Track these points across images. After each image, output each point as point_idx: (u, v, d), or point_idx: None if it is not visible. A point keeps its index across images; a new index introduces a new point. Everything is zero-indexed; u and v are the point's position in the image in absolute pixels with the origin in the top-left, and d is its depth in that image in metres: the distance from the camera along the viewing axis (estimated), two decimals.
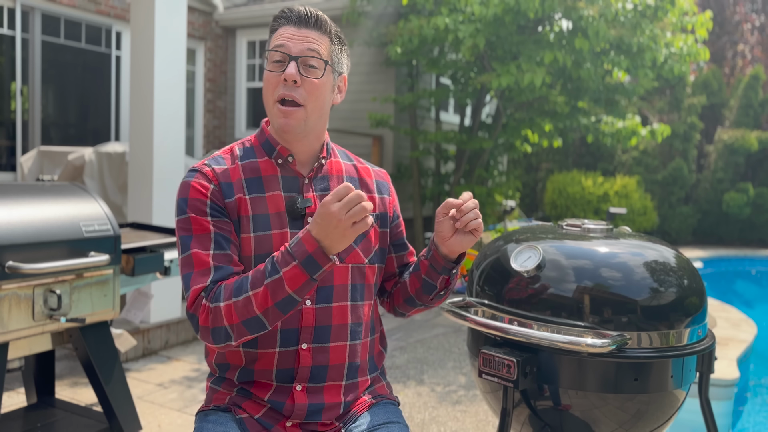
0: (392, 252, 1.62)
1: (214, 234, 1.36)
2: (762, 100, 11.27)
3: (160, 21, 4.27)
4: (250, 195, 1.41)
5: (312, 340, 1.42)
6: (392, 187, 1.64)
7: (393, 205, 1.61)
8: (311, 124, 1.42)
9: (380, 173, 1.63)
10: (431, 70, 6.79)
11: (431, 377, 4.03)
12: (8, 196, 2.20)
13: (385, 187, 1.61)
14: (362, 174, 1.58)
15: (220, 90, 9.08)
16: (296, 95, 1.38)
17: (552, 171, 11.68)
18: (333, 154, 1.55)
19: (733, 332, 4.38)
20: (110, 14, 7.40)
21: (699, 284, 1.68)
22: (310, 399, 1.43)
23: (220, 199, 1.39)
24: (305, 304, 1.42)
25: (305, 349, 1.42)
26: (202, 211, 1.37)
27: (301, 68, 1.38)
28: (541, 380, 1.60)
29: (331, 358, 1.44)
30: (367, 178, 1.58)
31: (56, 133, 7.18)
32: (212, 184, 1.39)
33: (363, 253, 1.49)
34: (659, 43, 5.95)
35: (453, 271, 1.51)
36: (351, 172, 1.56)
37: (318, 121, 1.44)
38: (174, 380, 3.79)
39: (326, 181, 1.50)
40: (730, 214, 10.48)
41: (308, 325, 1.42)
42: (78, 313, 2.30)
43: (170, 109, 4.38)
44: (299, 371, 1.42)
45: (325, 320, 1.43)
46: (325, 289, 1.43)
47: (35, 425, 2.45)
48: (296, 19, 1.40)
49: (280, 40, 1.39)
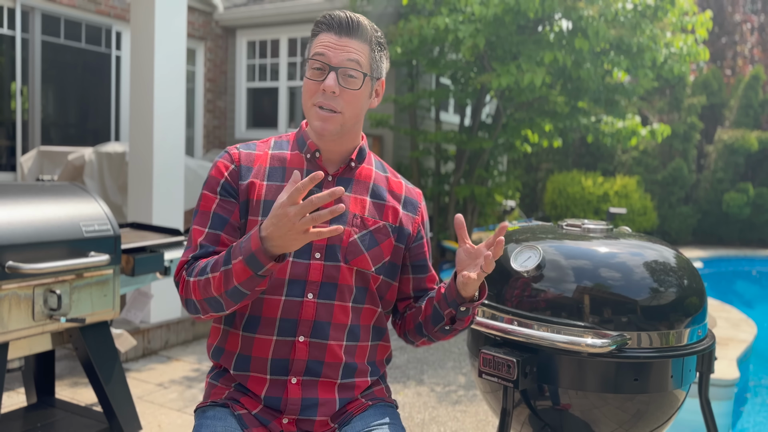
0: (410, 273, 1.59)
1: (213, 213, 1.45)
2: (762, 100, 11.26)
3: (160, 21, 4.27)
4: (269, 182, 1.46)
5: (310, 333, 1.43)
6: (424, 208, 1.62)
7: (418, 224, 1.58)
8: (347, 128, 1.46)
9: (413, 191, 1.61)
10: (431, 70, 6.78)
11: (431, 377, 4.03)
12: (8, 196, 2.20)
13: (414, 205, 1.59)
14: (392, 187, 1.56)
15: (220, 90, 9.08)
16: (334, 104, 1.40)
17: (552, 171, 11.68)
18: (367, 161, 1.56)
19: (733, 332, 4.38)
20: (110, 14, 7.40)
21: (699, 284, 1.68)
22: (304, 393, 1.44)
23: (234, 180, 1.46)
24: (307, 297, 1.43)
25: (302, 342, 1.43)
26: (213, 189, 1.46)
27: (341, 78, 1.40)
28: (541, 380, 1.60)
29: (327, 355, 1.45)
30: (397, 192, 1.56)
31: (56, 133, 7.18)
32: (233, 165, 1.47)
33: (372, 260, 1.48)
34: (659, 43, 5.95)
35: (461, 308, 1.41)
36: (381, 182, 1.55)
37: (353, 125, 1.47)
38: (174, 380, 3.79)
39: (351, 183, 1.50)
40: (730, 214, 10.47)
41: (308, 318, 1.43)
42: (78, 313, 2.30)
43: (170, 109, 4.38)
44: (294, 363, 1.43)
45: (325, 316, 1.44)
46: (329, 286, 1.44)
47: (35, 425, 2.45)
48: (337, 26, 1.41)
49: (321, 48, 1.40)
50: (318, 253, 1.43)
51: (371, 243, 1.48)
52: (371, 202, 1.51)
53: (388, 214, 1.52)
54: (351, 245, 1.45)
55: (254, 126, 9.10)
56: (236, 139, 9.03)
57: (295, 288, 1.43)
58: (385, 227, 1.51)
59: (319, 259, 1.44)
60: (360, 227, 1.47)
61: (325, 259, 1.44)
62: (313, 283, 1.43)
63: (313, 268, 1.43)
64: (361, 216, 1.48)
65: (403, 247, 1.55)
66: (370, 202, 1.51)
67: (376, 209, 1.51)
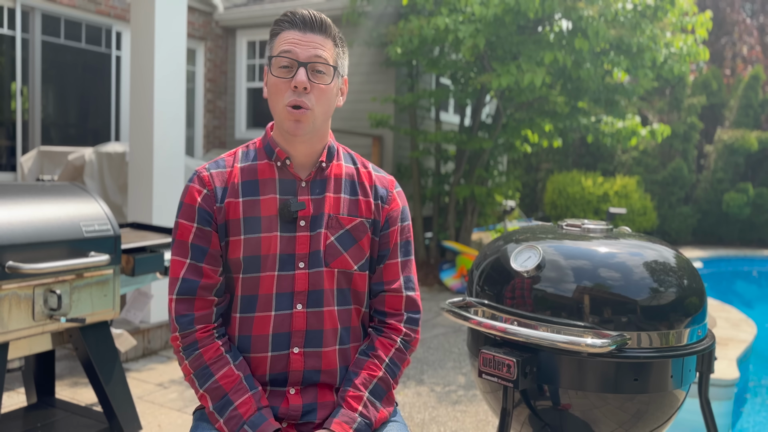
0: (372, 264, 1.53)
1: (191, 244, 1.42)
2: (762, 100, 11.26)
3: (160, 21, 4.27)
4: (244, 198, 1.43)
5: (303, 344, 1.43)
6: (396, 195, 1.55)
7: (387, 212, 1.52)
8: (318, 127, 1.43)
9: (384, 180, 1.56)
10: (431, 70, 6.79)
11: (431, 377, 4.03)
12: (8, 196, 2.20)
13: (384, 193, 1.53)
14: (362, 178, 1.53)
15: (220, 90, 9.08)
16: (306, 101, 1.38)
17: (552, 171, 11.68)
18: (337, 156, 1.53)
19: (733, 332, 4.38)
20: (110, 14, 7.40)
21: (699, 284, 1.68)
22: (304, 400, 1.44)
23: (210, 205, 1.43)
24: (296, 308, 1.43)
25: (297, 353, 1.43)
26: (189, 217, 1.43)
27: (310, 74, 1.38)
28: (541, 380, 1.60)
29: (323, 363, 1.45)
30: (367, 183, 1.53)
31: (56, 133, 7.18)
32: (206, 189, 1.43)
33: (352, 259, 1.47)
34: (659, 43, 5.95)
35: None
36: (351, 175, 1.52)
37: (323, 123, 1.46)
38: (174, 380, 3.79)
39: (324, 184, 1.48)
40: (730, 214, 10.47)
41: (299, 329, 1.43)
42: (78, 313, 2.31)
43: (170, 109, 4.38)
44: (291, 375, 1.43)
45: (316, 324, 1.44)
46: (316, 293, 1.43)
47: (35, 425, 2.45)
48: (301, 23, 1.39)
49: (287, 46, 1.38)
50: (302, 263, 1.43)
51: (350, 242, 1.46)
52: (346, 199, 1.49)
53: (362, 208, 1.49)
54: (329, 247, 1.44)
55: (254, 126, 9.10)
56: (236, 139, 9.03)
57: (284, 301, 1.42)
58: (362, 223, 1.48)
59: (303, 268, 1.43)
60: (336, 227, 1.45)
61: (309, 267, 1.43)
62: (301, 293, 1.43)
63: (299, 278, 1.43)
64: (336, 216, 1.46)
65: (377, 239, 1.52)
66: (344, 199, 1.49)
67: (352, 205, 1.49)
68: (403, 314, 1.52)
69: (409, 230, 1.57)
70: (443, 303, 1.82)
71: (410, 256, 1.57)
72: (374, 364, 1.46)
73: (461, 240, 7.44)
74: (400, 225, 1.54)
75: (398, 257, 1.53)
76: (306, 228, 1.44)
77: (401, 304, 1.53)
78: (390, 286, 1.52)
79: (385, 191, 1.54)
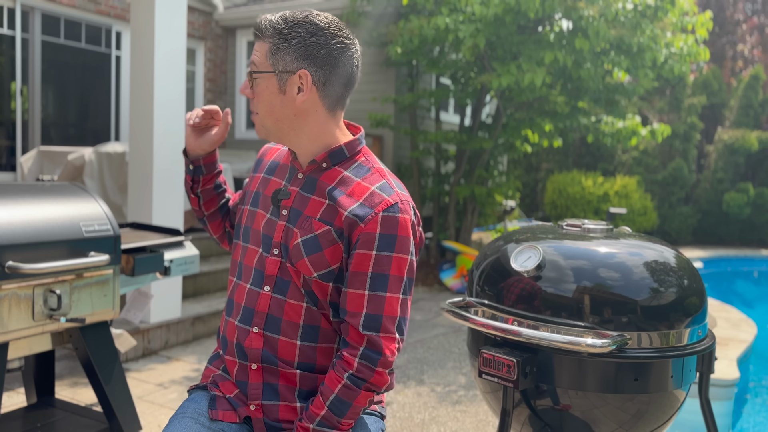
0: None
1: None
2: (762, 100, 11.26)
3: (160, 21, 4.27)
4: (265, 174, 1.58)
5: (263, 326, 1.45)
6: (379, 219, 1.36)
7: (360, 233, 1.37)
8: (271, 128, 1.46)
9: (375, 200, 1.39)
10: (431, 70, 6.78)
11: (431, 377, 4.02)
12: (8, 196, 2.20)
13: (367, 212, 1.37)
14: (354, 191, 1.41)
15: (220, 90, 9.08)
16: (253, 108, 1.47)
17: (552, 171, 11.68)
18: (344, 164, 1.46)
19: (733, 332, 4.38)
20: (110, 14, 7.40)
21: (699, 284, 1.68)
22: (265, 379, 1.46)
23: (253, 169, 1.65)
24: (263, 290, 1.46)
25: (256, 333, 1.45)
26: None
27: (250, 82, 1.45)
28: (541, 380, 1.60)
29: (279, 351, 1.44)
30: (356, 197, 1.40)
31: (56, 133, 7.18)
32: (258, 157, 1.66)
33: (312, 265, 1.40)
34: (659, 43, 5.95)
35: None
36: (345, 184, 1.43)
37: (278, 124, 1.44)
38: (174, 380, 3.79)
39: (315, 183, 1.45)
40: (730, 214, 10.47)
41: (262, 310, 1.45)
42: (78, 313, 2.30)
43: (170, 109, 4.37)
44: (250, 352, 1.45)
45: (277, 312, 1.45)
46: (283, 282, 1.45)
47: (35, 425, 2.45)
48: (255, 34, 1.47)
49: None
50: (276, 249, 1.46)
51: (314, 248, 1.40)
52: (326, 205, 1.42)
53: (340, 218, 1.39)
54: (295, 248, 1.43)
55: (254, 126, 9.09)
56: (236, 140, 9.03)
57: (257, 278, 1.47)
58: (329, 232, 1.39)
59: (276, 255, 1.45)
60: (307, 230, 1.42)
61: (281, 257, 1.45)
62: (270, 277, 1.46)
63: (270, 263, 1.46)
64: (311, 218, 1.43)
65: (347, 257, 1.41)
66: (326, 204, 1.43)
67: (329, 212, 1.41)
68: (358, 349, 1.36)
69: (392, 264, 1.37)
70: (443, 303, 1.82)
71: (383, 292, 1.37)
72: (318, 401, 1.39)
73: (461, 240, 7.44)
74: (375, 253, 1.36)
75: (364, 289, 1.37)
76: (285, 218, 1.46)
77: (360, 339, 1.37)
78: (349, 317, 1.38)
79: (369, 211, 1.37)
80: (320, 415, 1.38)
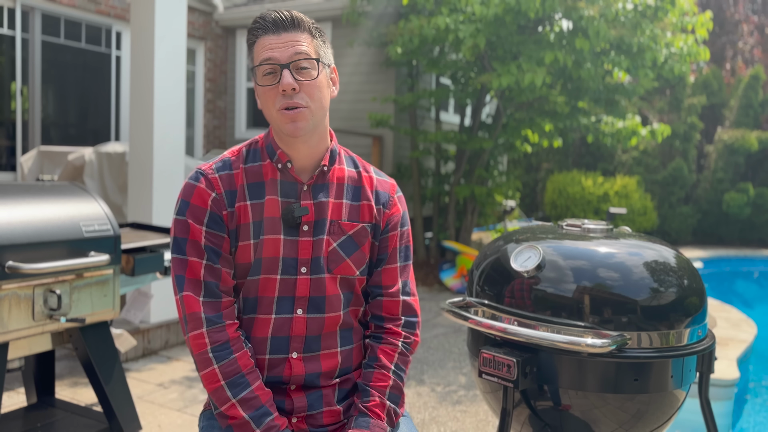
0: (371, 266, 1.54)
1: (205, 245, 1.38)
2: (762, 100, 11.26)
3: (160, 21, 4.27)
4: (251, 201, 1.42)
5: (303, 349, 1.43)
6: (397, 200, 1.55)
7: (388, 217, 1.52)
8: (317, 122, 1.40)
9: (385, 184, 1.56)
10: (431, 70, 6.78)
11: (431, 377, 4.02)
12: (8, 196, 2.20)
13: (386, 198, 1.53)
14: (364, 182, 1.52)
15: (220, 90, 9.08)
16: (298, 101, 1.36)
17: (552, 171, 11.68)
18: (339, 160, 1.51)
19: (733, 332, 4.38)
20: (110, 14, 7.40)
21: (699, 284, 1.68)
22: (307, 394, 1.44)
23: (220, 208, 1.39)
24: (296, 313, 1.42)
25: (296, 358, 1.43)
26: (199, 220, 1.38)
27: (295, 73, 1.35)
28: (541, 380, 1.60)
29: (323, 366, 1.45)
30: (368, 187, 1.52)
31: (56, 133, 7.18)
32: (215, 192, 1.40)
33: (354, 264, 1.47)
34: (659, 43, 5.95)
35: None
36: (353, 180, 1.51)
37: (322, 119, 1.43)
38: (174, 380, 3.79)
39: (326, 188, 1.46)
40: (730, 214, 10.47)
41: (299, 334, 1.43)
42: (78, 313, 2.30)
43: (170, 109, 4.38)
44: (293, 379, 1.44)
45: (316, 330, 1.44)
46: (318, 299, 1.43)
47: (35, 425, 2.45)
48: (272, 26, 1.37)
49: (266, 53, 1.36)
50: (304, 268, 1.42)
51: (352, 247, 1.46)
52: (348, 204, 1.48)
53: (365, 213, 1.49)
54: (332, 254, 1.43)
55: (254, 126, 9.10)
56: (236, 139, 9.03)
57: (285, 305, 1.42)
58: (363, 228, 1.48)
59: (305, 273, 1.42)
60: (338, 233, 1.45)
61: (311, 273, 1.42)
62: (302, 299, 1.42)
63: (300, 283, 1.42)
64: (338, 222, 1.45)
65: (377, 243, 1.52)
66: (346, 204, 1.48)
67: (353, 211, 1.48)
68: (400, 318, 1.52)
69: (408, 235, 1.57)
70: (443, 303, 1.82)
71: (409, 261, 1.57)
72: (382, 374, 1.46)
73: (461, 240, 7.44)
74: (400, 230, 1.54)
75: (397, 262, 1.54)
76: (309, 233, 1.42)
77: (398, 308, 1.52)
78: (388, 291, 1.52)
79: (386, 196, 1.54)
80: (389, 386, 1.45)
